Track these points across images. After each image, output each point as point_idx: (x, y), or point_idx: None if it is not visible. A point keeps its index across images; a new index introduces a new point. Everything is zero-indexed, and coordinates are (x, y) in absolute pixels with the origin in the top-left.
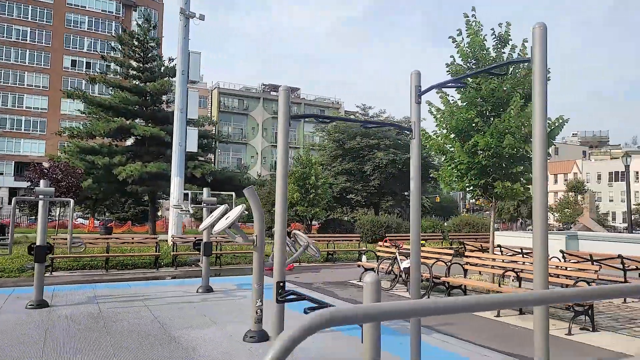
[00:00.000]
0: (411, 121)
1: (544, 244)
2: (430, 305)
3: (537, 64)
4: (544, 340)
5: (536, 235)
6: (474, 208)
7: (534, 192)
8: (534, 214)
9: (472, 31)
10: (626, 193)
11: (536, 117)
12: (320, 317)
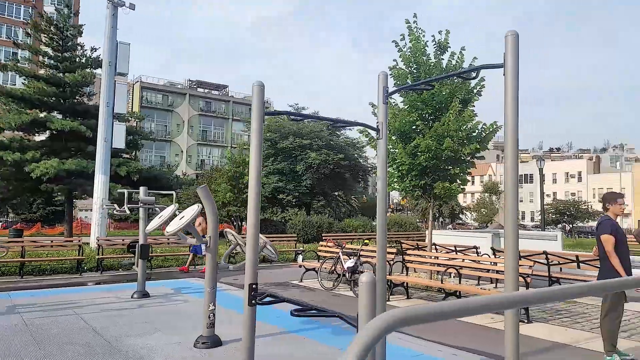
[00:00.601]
0: (378, 121)
1: (515, 245)
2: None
3: (509, 70)
4: (514, 337)
5: (507, 236)
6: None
7: (505, 196)
8: (505, 218)
9: (413, 37)
10: (540, 194)
11: (508, 123)
12: (393, 316)
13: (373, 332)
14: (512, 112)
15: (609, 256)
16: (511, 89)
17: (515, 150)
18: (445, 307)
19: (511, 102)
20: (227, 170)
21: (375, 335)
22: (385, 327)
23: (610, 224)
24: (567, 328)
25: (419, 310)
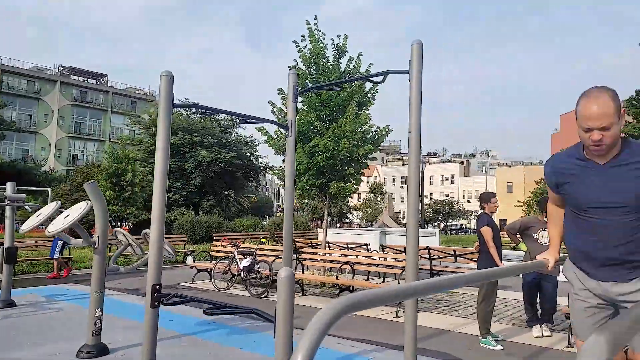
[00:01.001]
0: (288, 119)
1: (415, 242)
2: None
3: (414, 76)
4: (413, 326)
5: (409, 234)
6: None
7: (408, 197)
8: (408, 217)
9: (313, 38)
10: (421, 194)
11: (412, 127)
12: (342, 303)
13: (326, 319)
14: (416, 116)
15: (488, 246)
16: (415, 94)
17: (418, 153)
18: (383, 292)
19: (415, 106)
20: (106, 167)
21: (328, 322)
22: (337, 314)
23: (487, 218)
24: (447, 315)
25: (363, 297)
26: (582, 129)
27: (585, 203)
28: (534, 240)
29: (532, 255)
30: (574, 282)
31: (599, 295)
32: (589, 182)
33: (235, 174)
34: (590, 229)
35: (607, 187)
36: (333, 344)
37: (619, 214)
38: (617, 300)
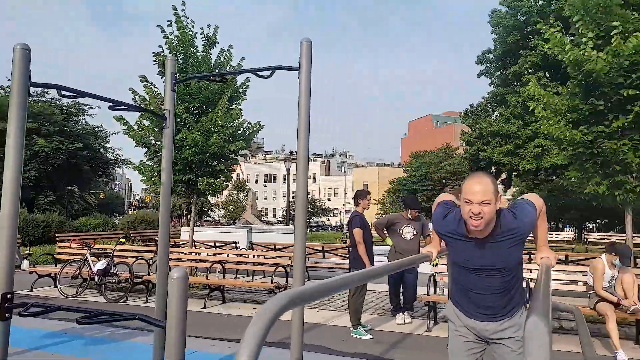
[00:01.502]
0: (166, 109)
1: (303, 240)
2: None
3: (303, 74)
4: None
5: (297, 233)
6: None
7: (297, 195)
8: (297, 215)
9: (181, 25)
10: (287, 193)
11: (301, 125)
12: (288, 296)
13: (270, 314)
14: (305, 113)
15: (357, 246)
16: (305, 91)
17: (306, 150)
18: (328, 284)
19: (304, 104)
20: None
21: (272, 317)
22: (281, 307)
23: (360, 218)
24: (318, 310)
25: (309, 289)
26: (465, 203)
27: (466, 265)
28: (398, 235)
29: (397, 249)
30: (454, 320)
31: (475, 332)
32: (468, 252)
33: (80, 167)
34: (466, 284)
35: (485, 257)
36: (207, 346)
37: (496, 276)
38: (489, 337)
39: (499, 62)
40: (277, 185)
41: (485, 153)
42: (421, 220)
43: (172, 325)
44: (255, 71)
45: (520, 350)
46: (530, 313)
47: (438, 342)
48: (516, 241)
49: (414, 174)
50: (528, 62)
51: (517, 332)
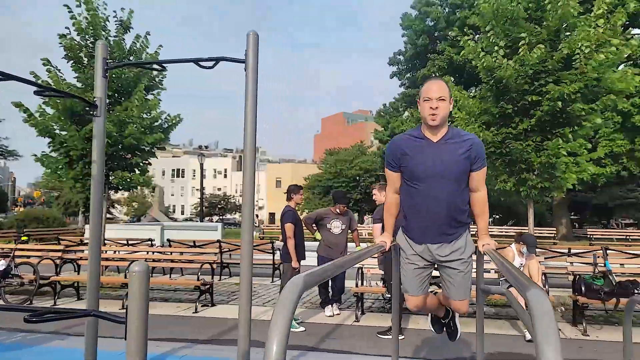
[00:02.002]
0: (96, 97)
1: (250, 237)
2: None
3: (250, 66)
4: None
5: (244, 229)
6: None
7: (244, 192)
8: (243, 212)
9: (91, 7)
10: (200, 189)
11: (248, 118)
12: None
13: (293, 294)
14: (252, 107)
15: (288, 241)
16: (252, 84)
17: (253, 145)
18: (326, 268)
19: (251, 97)
20: None
21: (296, 297)
22: (301, 288)
23: (292, 213)
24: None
25: (319, 270)
26: (423, 100)
27: (421, 172)
28: (327, 230)
29: (326, 243)
30: (406, 249)
31: (425, 257)
32: (425, 154)
33: None
34: (422, 197)
35: (438, 159)
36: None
37: (444, 184)
38: (439, 260)
39: (409, 64)
40: (185, 181)
41: None
42: (349, 215)
43: (133, 320)
44: (197, 61)
45: (467, 270)
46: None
47: (367, 331)
48: (467, 151)
49: (329, 171)
50: (436, 65)
51: (464, 253)
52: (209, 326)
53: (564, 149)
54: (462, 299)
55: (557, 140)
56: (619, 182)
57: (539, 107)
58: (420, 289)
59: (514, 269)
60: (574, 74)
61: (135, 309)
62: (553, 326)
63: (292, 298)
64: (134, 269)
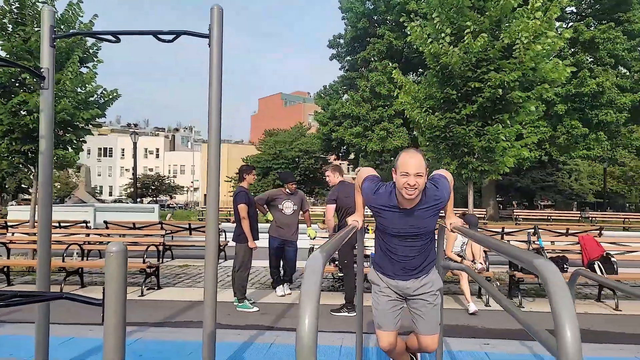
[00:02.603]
0: (44, 67)
1: (215, 219)
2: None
3: (214, 41)
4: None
5: (209, 213)
6: None
7: (209, 172)
8: (209, 194)
9: None
10: (134, 169)
11: (213, 95)
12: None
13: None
14: (217, 83)
15: (242, 221)
16: (216, 62)
17: (218, 128)
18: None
19: (216, 74)
20: None
21: (321, 269)
22: (323, 261)
23: (245, 194)
24: (194, 288)
25: (329, 245)
26: (400, 175)
27: (394, 232)
28: (279, 210)
29: (278, 223)
30: (379, 282)
31: (397, 290)
32: (397, 221)
33: None
34: (393, 249)
35: (410, 224)
36: (85, 331)
37: (418, 239)
38: (409, 294)
39: (349, 47)
40: (113, 160)
41: (337, 133)
42: (300, 195)
43: (111, 302)
44: (156, 34)
45: (437, 303)
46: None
47: (320, 309)
48: (437, 209)
49: (268, 152)
50: (376, 49)
51: (432, 287)
52: (158, 309)
53: (503, 134)
54: (432, 334)
55: (497, 126)
56: (540, 166)
57: (480, 93)
58: (393, 323)
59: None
60: (513, 63)
61: (113, 290)
62: (565, 287)
63: (317, 270)
64: (112, 249)
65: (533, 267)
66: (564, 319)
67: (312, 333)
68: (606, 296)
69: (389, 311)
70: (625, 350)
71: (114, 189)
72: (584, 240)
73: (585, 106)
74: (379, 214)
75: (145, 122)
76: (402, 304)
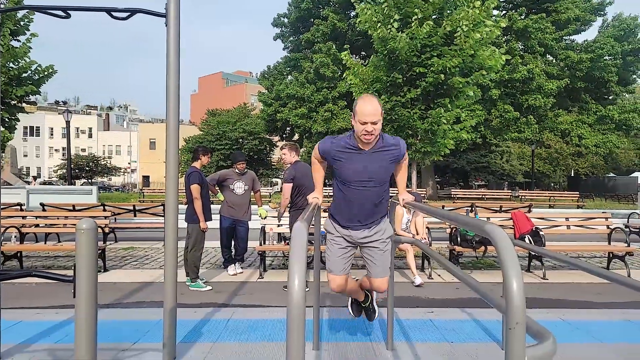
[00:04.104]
0: None
1: (175, 202)
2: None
3: (172, 21)
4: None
5: (169, 193)
6: None
7: (168, 153)
8: (168, 175)
9: None
10: (67, 149)
11: (170, 75)
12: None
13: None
14: (175, 68)
15: (194, 202)
16: (174, 42)
17: (176, 109)
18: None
19: (174, 56)
20: None
21: (305, 234)
22: (306, 228)
23: (198, 174)
24: (141, 270)
25: (308, 214)
26: (359, 123)
27: (352, 176)
28: (230, 191)
29: (229, 203)
30: (332, 230)
31: (349, 239)
32: (356, 162)
33: None
34: (350, 196)
35: (367, 166)
36: (32, 315)
37: (371, 186)
38: (361, 242)
39: (293, 28)
40: (41, 140)
41: (281, 115)
42: (251, 175)
43: (82, 278)
44: (110, 11)
45: (386, 249)
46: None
47: (271, 286)
48: (394, 157)
49: (211, 133)
50: (320, 31)
51: (383, 235)
52: (107, 291)
53: (444, 118)
54: (382, 277)
55: (439, 110)
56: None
57: (424, 78)
58: (343, 268)
59: (455, 213)
60: (454, 50)
61: (85, 266)
62: (510, 245)
63: (303, 236)
64: (82, 226)
65: (484, 231)
66: (511, 270)
67: (301, 290)
68: (535, 267)
69: (339, 258)
70: (551, 314)
71: (43, 170)
72: (516, 216)
73: (516, 91)
74: (339, 159)
75: (75, 100)
76: (352, 251)
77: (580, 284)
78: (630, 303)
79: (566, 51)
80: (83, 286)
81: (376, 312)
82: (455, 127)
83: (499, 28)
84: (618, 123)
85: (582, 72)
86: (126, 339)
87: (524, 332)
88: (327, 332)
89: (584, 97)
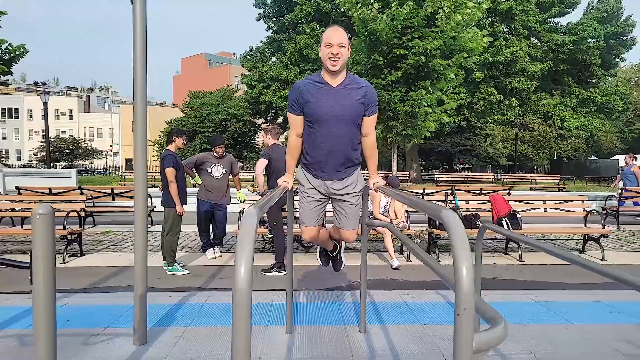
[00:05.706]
0: None
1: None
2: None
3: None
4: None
5: (138, 177)
6: None
7: (135, 136)
8: (135, 158)
9: None
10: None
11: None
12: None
13: (253, 219)
14: (141, 47)
15: (169, 185)
16: (140, 21)
17: (144, 90)
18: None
19: (140, 35)
20: None
21: (255, 221)
22: (257, 215)
23: (172, 157)
24: (119, 253)
25: (262, 203)
26: (324, 46)
27: (322, 114)
28: (208, 174)
29: (207, 187)
30: (305, 182)
31: (321, 191)
32: (325, 98)
33: None
34: (322, 135)
35: (337, 103)
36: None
37: (343, 123)
38: (334, 193)
39: (276, 8)
40: (19, 122)
41: (265, 97)
42: (230, 159)
43: (39, 265)
44: None
45: (358, 203)
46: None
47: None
48: (362, 97)
49: (194, 115)
50: (303, 11)
51: (355, 188)
52: (83, 276)
53: (425, 100)
54: (351, 229)
55: (420, 92)
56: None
57: (405, 60)
58: (316, 220)
59: (416, 198)
60: (435, 32)
61: (41, 253)
62: (464, 234)
63: (252, 223)
64: (38, 211)
65: (439, 217)
66: (461, 256)
67: (247, 276)
68: (512, 249)
69: (311, 210)
70: (524, 295)
71: (22, 152)
72: (494, 199)
73: (500, 74)
74: (309, 100)
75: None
76: (324, 204)
77: (555, 266)
78: (601, 284)
79: (550, 34)
80: (40, 272)
81: (342, 263)
82: (436, 110)
83: (481, 10)
84: (600, 106)
85: (565, 55)
86: (98, 324)
87: (472, 318)
88: (302, 315)
89: (567, 81)
